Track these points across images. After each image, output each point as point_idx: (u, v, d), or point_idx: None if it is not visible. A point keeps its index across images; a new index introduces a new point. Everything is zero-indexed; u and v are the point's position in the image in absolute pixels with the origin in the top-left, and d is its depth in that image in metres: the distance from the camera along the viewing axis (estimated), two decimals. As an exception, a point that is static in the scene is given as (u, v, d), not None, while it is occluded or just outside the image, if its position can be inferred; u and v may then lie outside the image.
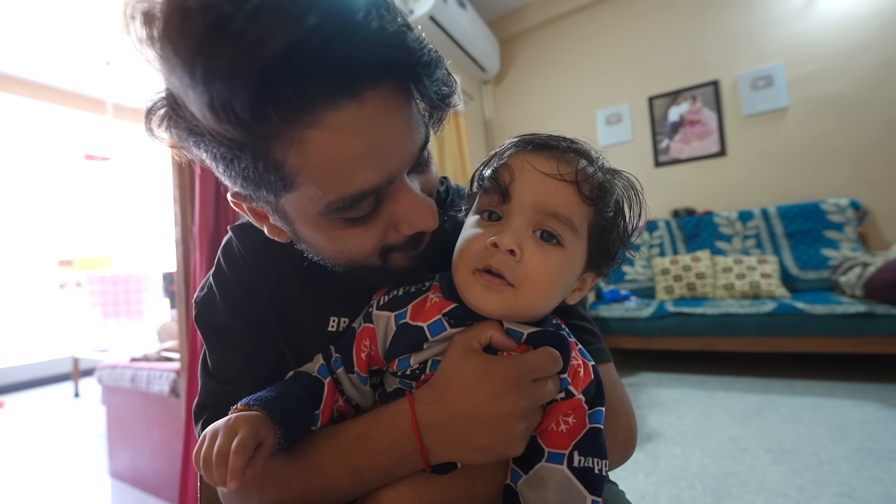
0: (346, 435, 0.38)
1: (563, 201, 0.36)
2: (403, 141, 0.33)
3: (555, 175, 0.36)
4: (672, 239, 2.76)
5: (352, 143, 0.30)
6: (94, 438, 2.17)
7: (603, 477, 0.35)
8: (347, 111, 0.29)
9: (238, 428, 0.31)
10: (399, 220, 0.36)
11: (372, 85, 0.29)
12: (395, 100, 0.31)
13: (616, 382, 0.46)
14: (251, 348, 0.44)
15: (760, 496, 1.18)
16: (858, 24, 2.42)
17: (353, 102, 0.29)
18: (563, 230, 0.36)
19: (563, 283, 0.38)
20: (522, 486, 0.35)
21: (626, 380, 2.26)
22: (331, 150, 0.30)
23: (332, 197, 0.32)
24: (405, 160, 0.34)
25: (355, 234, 0.36)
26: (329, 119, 0.28)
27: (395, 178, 0.33)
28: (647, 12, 3.02)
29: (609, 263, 0.40)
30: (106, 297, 3.16)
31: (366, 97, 0.29)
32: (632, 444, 0.46)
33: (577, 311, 0.49)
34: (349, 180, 0.31)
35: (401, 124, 0.32)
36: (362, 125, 0.30)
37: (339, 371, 0.41)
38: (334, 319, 0.45)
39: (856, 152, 2.44)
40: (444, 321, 0.38)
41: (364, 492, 0.38)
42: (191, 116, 0.29)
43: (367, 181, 0.32)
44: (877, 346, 1.82)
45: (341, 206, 0.32)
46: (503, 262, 0.35)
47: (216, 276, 0.46)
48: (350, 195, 0.32)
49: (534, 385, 0.34)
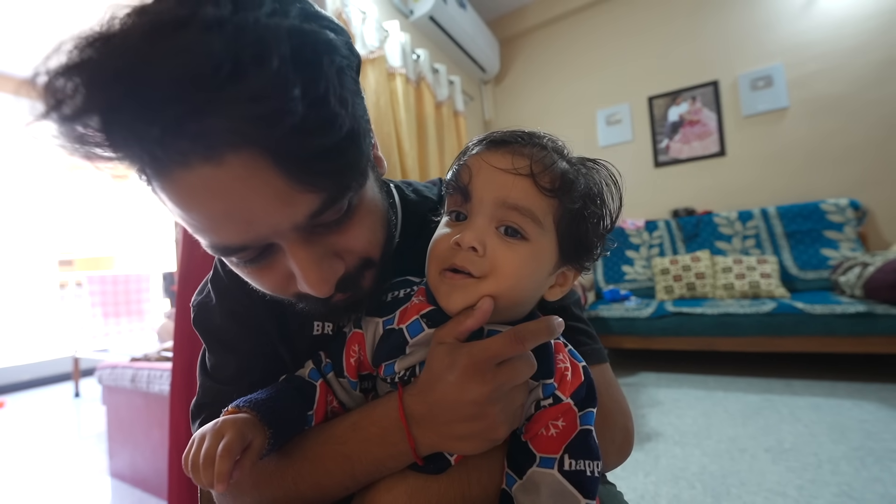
0: (339, 426, 0.38)
1: (521, 194, 0.35)
2: (275, 208, 0.29)
3: (509, 169, 0.36)
4: (672, 239, 2.77)
5: (206, 204, 0.28)
6: (94, 438, 2.17)
7: (596, 479, 0.34)
8: (198, 173, 0.26)
9: (225, 431, 0.31)
10: (294, 275, 0.34)
11: (233, 149, 0.26)
12: (265, 165, 0.27)
13: (611, 384, 0.46)
14: (249, 349, 0.44)
15: (760, 496, 1.18)
16: (858, 24, 2.42)
17: (209, 165, 0.26)
18: (526, 223, 0.36)
19: (533, 277, 0.37)
20: (517, 492, 0.35)
21: (626, 380, 2.26)
22: (184, 204, 0.28)
23: (204, 241, 0.31)
24: (281, 226, 0.30)
25: (252, 274, 0.35)
26: (179, 177, 0.26)
27: (272, 238, 0.31)
28: (647, 12, 3.03)
29: (586, 256, 0.39)
30: (106, 297, 3.16)
31: (224, 160, 0.26)
32: (629, 445, 0.46)
33: (571, 312, 0.48)
34: (210, 235, 0.30)
35: (270, 192, 0.28)
36: (217, 189, 0.27)
37: (330, 376, 0.41)
38: (318, 324, 0.46)
39: (856, 152, 2.44)
40: (422, 322, 0.38)
41: (355, 486, 0.38)
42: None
43: (231, 239, 0.30)
44: (876, 346, 1.82)
45: (218, 252, 0.32)
46: (466, 258, 0.35)
47: (214, 280, 0.47)
48: (219, 245, 0.31)
49: (498, 369, 0.34)
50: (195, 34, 0.23)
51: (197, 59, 0.23)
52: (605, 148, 3.20)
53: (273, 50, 0.25)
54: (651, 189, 3.05)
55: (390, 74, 2.22)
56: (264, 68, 0.24)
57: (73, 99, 0.23)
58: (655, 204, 3.03)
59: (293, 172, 0.28)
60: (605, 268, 2.94)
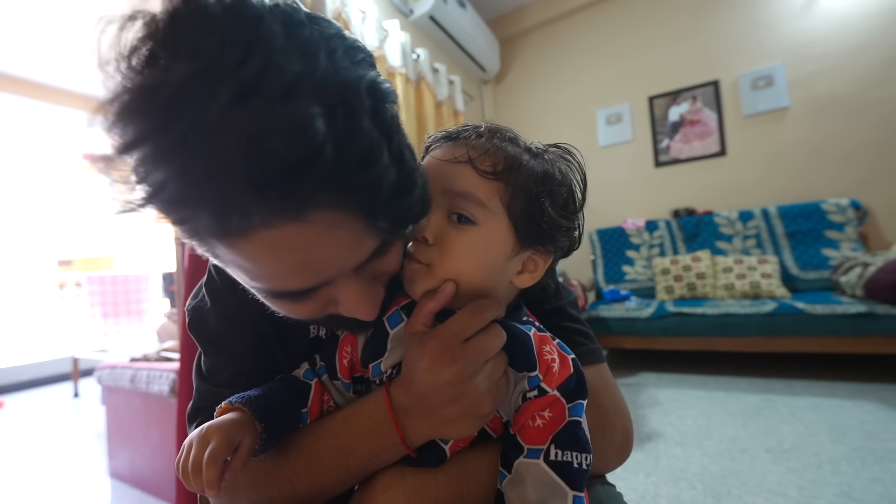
0: (332, 421, 0.39)
1: (461, 180, 0.37)
2: (345, 254, 0.30)
3: (450, 159, 0.38)
4: (672, 239, 2.76)
5: (283, 258, 0.28)
6: (93, 438, 2.17)
7: (584, 471, 0.34)
8: (283, 231, 0.26)
9: (210, 438, 0.32)
10: (339, 301, 0.35)
11: (318, 209, 0.26)
12: (343, 220, 0.28)
13: (609, 383, 0.46)
14: (244, 352, 0.44)
15: (760, 496, 1.18)
16: (859, 24, 2.41)
17: (294, 223, 0.26)
18: (471, 207, 0.37)
19: (486, 259, 0.38)
20: (506, 486, 0.35)
21: (626, 380, 2.26)
22: (258, 260, 0.28)
23: (260, 286, 0.31)
24: (346, 267, 0.31)
25: (290, 306, 0.35)
26: (262, 236, 0.26)
27: (333, 280, 0.32)
28: (648, 12, 3.02)
29: (548, 239, 0.39)
30: (106, 298, 3.15)
31: (310, 218, 0.26)
32: (628, 445, 0.45)
33: (567, 313, 0.49)
34: (276, 282, 0.30)
35: (342, 242, 0.29)
36: (297, 244, 0.27)
37: (324, 378, 0.42)
38: (314, 327, 0.46)
39: (856, 152, 2.44)
40: (401, 313, 0.39)
41: (350, 481, 0.38)
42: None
43: (295, 286, 0.30)
44: (877, 346, 1.82)
45: (274, 296, 0.32)
46: (417, 248, 0.38)
47: (208, 284, 0.47)
48: (278, 291, 0.31)
49: (466, 345, 0.34)
50: (283, 95, 0.22)
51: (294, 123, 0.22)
52: (606, 148, 3.20)
53: (361, 109, 0.25)
54: (651, 189, 3.05)
55: (390, 74, 2.22)
56: (361, 133, 0.25)
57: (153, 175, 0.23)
58: (656, 204, 3.03)
59: (376, 226, 0.29)
60: (605, 268, 2.93)
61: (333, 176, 0.25)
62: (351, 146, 0.25)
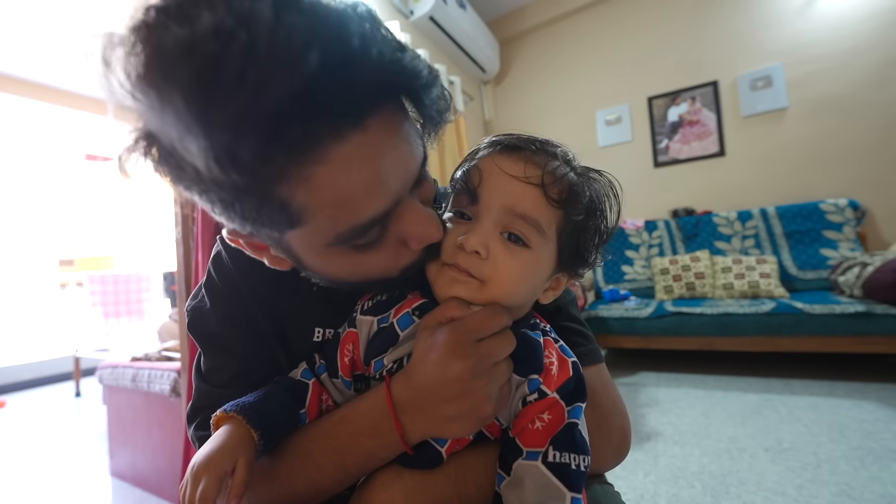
0: (329, 421, 0.39)
1: (529, 204, 0.36)
2: (405, 162, 0.33)
3: (521, 178, 0.36)
4: (671, 239, 2.77)
5: (359, 175, 0.30)
6: (95, 438, 2.17)
7: (582, 472, 0.34)
8: (352, 142, 0.28)
9: (200, 477, 0.32)
10: (408, 238, 0.36)
11: (371, 112, 0.29)
12: (395, 122, 0.31)
13: (608, 383, 0.46)
14: (244, 353, 0.44)
15: (759, 495, 1.18)
16: (858, 24, 2.42)
17: (357, 132, 0.28)
18: (530, 232, 0.36)
19: (531, 283, 0.38)
20: (504, 488, 0.35)
21: (626, 379, 2.27)
22: (338, 184, 0.29)
23: (341, 229, 0.32)
24: (408, 180, 0.34)
25: (367, 259, 0.35)
26: (335, 153, 0.28)
27: (400, 200, 0.34)
28: (647, 13, 3.03)
29: (582, 265, 0.40)
30: (107, 297, 3.16)
31: (368, 125, 0.29)
32: (626, 445, 0.46)
33: (567, 313, 0.49)
34: (357, 211, 0.31)
35: (402, 146, 0.32)
36: (367, 154, 0.29)
37: (324, 376, 0.42)
38: (319, 331, 0.46)
39: (855, 152, 2.45)
40: (412, 315, 0.39)
41: (348, 480, 0.38)
42: (185, 163, 0.27)
43: (376, 209, 0.32)
44: (875, 346, 1.82)
45: (350, 236, 0.33)
46: (469, 261, 0.36)
47: (207, 284, 0.47)
48: (360, 225, 0.32)
49: (479, 344, 0.34)
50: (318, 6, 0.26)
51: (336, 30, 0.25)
52: (605, 148, 3.20)
53: (378, 18, 0.30)
54: (651, 189, 3.05)
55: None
56: (388, 33, 0.30)
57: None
58: (655, 204, 3.04)
59: (423, 117, 0.33)
60: (604, 268, 2.94)
61: (379, 70, 0.27)
62: (384, 45, 0.28)
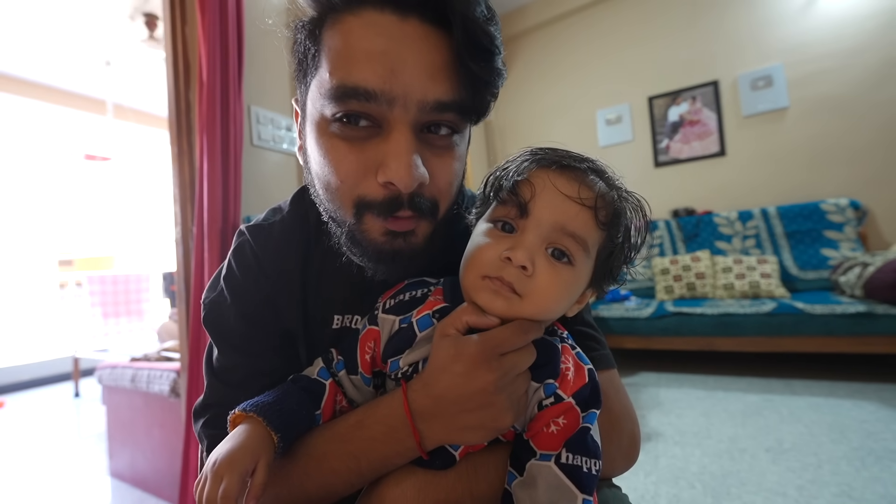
0: (344, 424, 0.38)
1: (581, 224, 0.36)
2: (420, 73, 0.34)
3: (576, 199, 0.36)
4: (672, 239, 2.77)
5: (370, 40, 0.33)
6: (94, 438, 2.17)
7: (593, 476, 0.35)
8: (386, 17, 0.33)
9: (222, 473, 0.31)
10: (381, 163, 0.36)
11: (420, 15, 0.34)
12: (435, 40, 0.34)
13: (619, 389, 0.46)
14: (261, 353, 0.44)
15: (760, 496, 1.18)
16: (858, 24, 2.42)
17: (395, 15, 0.33)
18: (577, 250, 0.36)
19: (568, 300, 0.39)
20: (516, 487, 0.35)
21: (626, 380, 2.26)
22: (352, 35, 0.34)
23: (334, 81, 0.34)
24: (413, 93, 0.34)
25: (341, 149, 0.36)
26: (367, 15, 0.34)
27: (394, 103, 0.34)
28: (648, 12, 3.03)
29: (610, 282, 0.41)
30: (106, 297, 3.16)
31: (409, 18, 0.33)
32: (635, 450, 0.46)
33: (581, 318, 0.49)
34: (351, 69, 0.34)
35: (426, 59, 0.34)
36: (389, 33, 0.33)
37: (341, 374, 0.41)
38: (338, 318, 0.46)
39: (855, 152, 2.45)
40: (433, 318, 0.39)
41: (361, 483, 0.38)
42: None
43: (366, 80, 0.34)
44: (876, 346, 1.82)
45: (339, 94, 0.34)
46: (514, 275, 0.36)
47: (227, 278, 0.46)
48: (348, 85, 0.34)
49: (503, 358, 0.34)
50: None
51: None
52: (606, 148, 3.20)
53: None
54: (651, 189, 3.05)
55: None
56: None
57: None
58: (655, 204, 3.03)
59: (460, 52, 0.34)
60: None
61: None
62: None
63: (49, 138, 3.89)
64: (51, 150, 3.93)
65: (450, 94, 0.35)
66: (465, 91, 0.36)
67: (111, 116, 3.72)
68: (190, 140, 1.45)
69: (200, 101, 1.35)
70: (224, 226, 1.34)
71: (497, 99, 0.39)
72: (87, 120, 3.94)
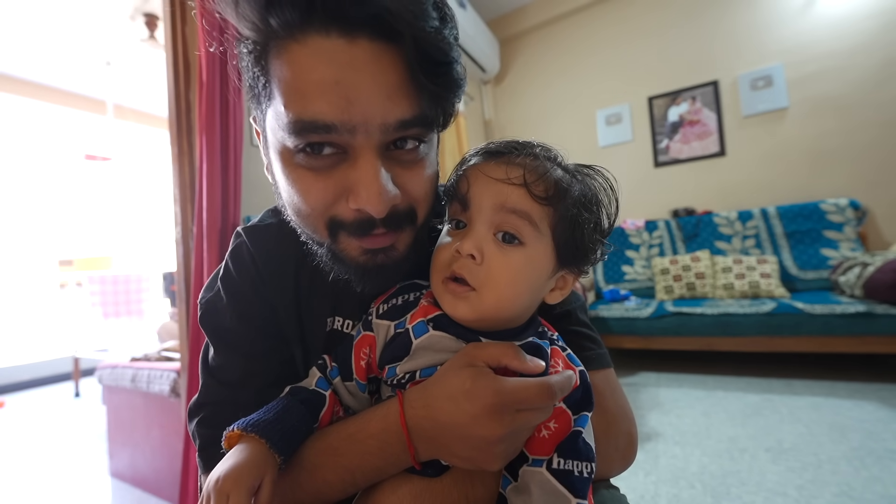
0: (336, 437, 0.38)
1: (517, 199, 0.37)
2: (377, 97, 0.32)
3: (504, 179, 0.37)
4: (672, 239, 2.77)
5: (320, 70, 0.31)
6: (94, 438, 2.17)
7: (586, 479, 0.34)
8: (333, 42, 0.31)
9: (228, 491, 0.31)
10: (350, 189, 0.35)
11: (368, 35, 0.31)
12: (388, 59, 0.32)
13: (616, 389, 0.46)
14: (257, 353, 0.44)
15: (760, 496, 1.18)
16: (858, 24, 2.42)
17: (343, 39, 0.31)
18: (523, 226, 0.37)
19: (530, 282, 0.38)
20: (510, 492, 0.35)
21: (626, 380, 2.26)
22: (300, 66, 0.31)
23: (290, 116, 0.32)
24: (373, 119, 0.33)
25: (307, 179, 0.35)
26: (313, 42, 0.31)
27: (355, 131, 0.33)
28: (647, 12, 3.03)
29: (584, 260, 0.40)
30: (106, 297, 3.16)
31: (357, 41, 0.31)
32: (632, 450, 0.45)
33: (576, 317, 0.49)
34: (305, 104, 0.32)
35: (381, 81, 0.32)
36: (339, 60, 0.31)
37: (336, 381, 0.41)
38: (331, 320, 0.46)
39: (855, 152, 2.45)
40: (427, 325, 0.39)
41: (354, 491, 0.38)
42: (235, 30, 0.34)
43: (322, 113, 0.32)
44: (876, 346, 1.82)
45: (297, 129, 0.33)
46: (464, 266, 0.37)
47: (224, 279, 0.46)
48: (305, 120, 0.32)
49: (517, 415, 0.33)
50: None
51: None
52: (605, 148, 3.20)
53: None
54: (651, 189, 3.05)
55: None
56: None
57: None
58: (655, 204, 3.03)
59: (414, 71, 0.32)
60: (605, 268, 2.94)
61: (395, 2, 0.29)
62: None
63: (49, 138, 3.89)
64: (51, 150, 3.93)
65: (410, 111, 0.34)
66: (425, 104, 0.34)
67: (111, 116, 3.72)
68: (190, 140, 1.45)
69: (200, 101, 1.35)
70: (224, 226, 1.34)
71: (461, 101, 0.38)
72: (88, 120, 3.94)
